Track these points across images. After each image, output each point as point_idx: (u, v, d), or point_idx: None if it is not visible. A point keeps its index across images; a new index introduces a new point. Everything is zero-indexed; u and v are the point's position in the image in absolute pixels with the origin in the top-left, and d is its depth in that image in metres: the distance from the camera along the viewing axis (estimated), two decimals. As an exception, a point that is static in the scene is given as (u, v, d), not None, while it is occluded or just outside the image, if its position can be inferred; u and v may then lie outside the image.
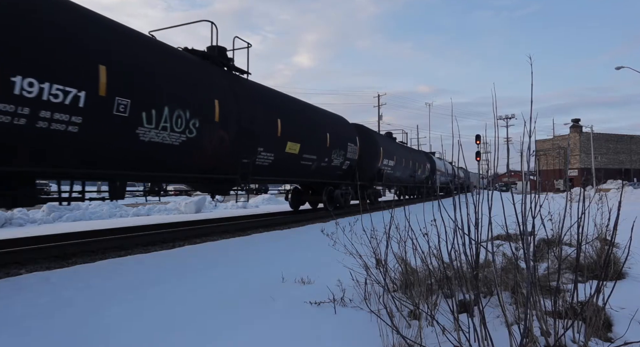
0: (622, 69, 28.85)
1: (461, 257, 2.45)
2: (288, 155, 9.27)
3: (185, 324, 2.72)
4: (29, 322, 2.76)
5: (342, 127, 12.39)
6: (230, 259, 5.16)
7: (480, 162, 26.35)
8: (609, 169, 55.26)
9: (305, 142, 9.79)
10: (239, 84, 7.97)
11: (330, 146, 11.13)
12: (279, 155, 8.93)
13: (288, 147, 9.19)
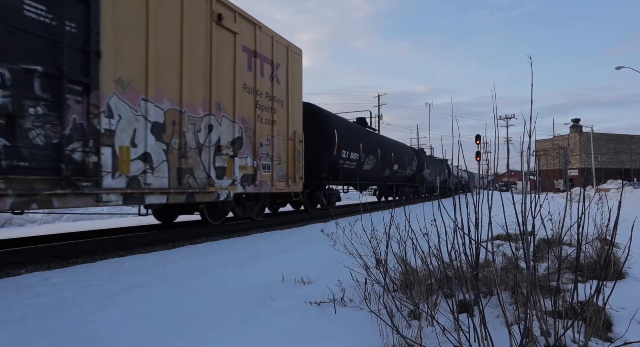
0: (619, 69, 28.83)
1: (461, 257, 2.45)
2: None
3: (185, 324, 2.72)
4: (29, 322, 2.76)
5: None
6: (231, 259, 5.16)
7: (480, 162, 26.25)
8: (609, 169, 55.27)
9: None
10: (374, 135, 16.37)
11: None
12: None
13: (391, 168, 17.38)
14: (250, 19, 7.82)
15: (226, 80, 7.22)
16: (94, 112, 4.90)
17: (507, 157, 2.85)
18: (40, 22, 4.40)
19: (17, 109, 4.16)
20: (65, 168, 4.59)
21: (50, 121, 4.49)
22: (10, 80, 4.13)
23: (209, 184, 6.76)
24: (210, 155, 6.83)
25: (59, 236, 7.01)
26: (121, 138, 5.24)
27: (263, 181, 8.37)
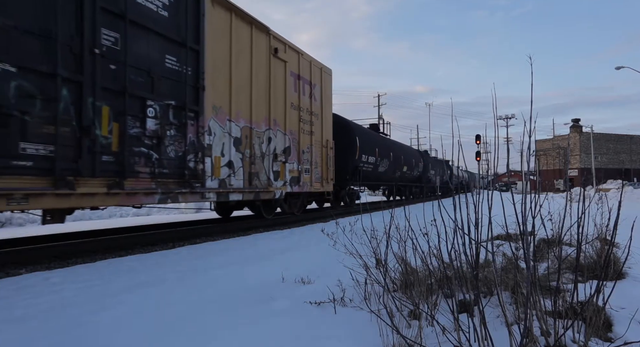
0: (619, 69, 28.83)
1: (461, 257, 2.45)
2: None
3: (185, 324, 2.72)
4: (29, 322, 2.76)
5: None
6: (231, 259, 5.16)
7: (480, 162, 26.28)
8: (609, 169, 55.27)
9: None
10: (387, 140, 17.64)
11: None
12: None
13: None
14: (295, 48, 9.53)
15: (279, 101, 8.85)
16: (201, 131, 6.51)
17: (507, 157, 2.85)
18: (173, 70, 6.04)
19: (162, 132, 5.77)
20: (186, 173, 6.20)
21: (177, 139, 6.11)
22: (159, 112, 5.73)
23: (269, 185, 8.39)
24: (270, 162, 8.45)
25: (59, 236, 7.01)
26: (215, 150, 6.88)
27: (305, 182, 9.92)
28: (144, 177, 5.55)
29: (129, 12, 5.30)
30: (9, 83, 4.13)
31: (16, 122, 4.16)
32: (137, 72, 5.46)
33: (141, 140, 5.51)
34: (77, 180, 4.69)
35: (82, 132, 4.74)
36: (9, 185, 4.10)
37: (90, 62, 4.84)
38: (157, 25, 5.75)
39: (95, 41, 4.91)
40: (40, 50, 4.40)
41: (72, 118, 4.68)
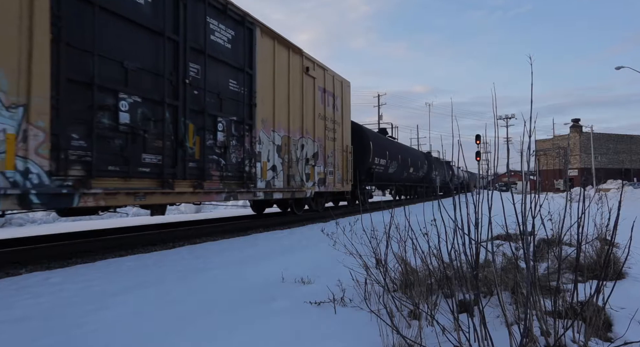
0: (619, 69, 28.81)
1: (461, 257, 2.45)
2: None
3: (185, 324, 2.72)
4: (29, 322, 2.76)
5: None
6: (231, 259, 5.16)
7: (480, 162, 26.38)
8: (609, 169, 55.26)
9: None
10: (396, 143, 19.02)
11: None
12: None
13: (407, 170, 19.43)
14: (321, 65, 10.84)
15: (309, 112, 10.15)
16: (253, 141, 7.90)
17: (507, 157, 2.85)
18: (234, 92, 7.44)
19: (227, 143, 7.16)
20: (244, 176, 7.59)
21: (237, 148, 7.48)
22: (225, 127, 7.16)
23: (302, 185, 9.67)
24: (302, 165, 9.74)
25: (59, 235, 7.01)
26: (263, 156, 8.21)
27: (329, 183, 11.24)
28: (215, 180, 6.92)
29: (207, 48, 6.71)
30: (137, 110, 5.49)
31: (141, 139, 5.52)
32: (211, 95, 6.86)
33: (213, 149, 6.90)
34: (174, 182, 6.04)
35: (177, 144, 6.09)
36: (136, 186, 5.48)
37: (182, 90, 6.20)
38: (224, 56, 7.18)
39: (185, 73, 6.27)
40: (153, 84, 5.77)
41: (172, 134, 6.02)
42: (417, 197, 21.98)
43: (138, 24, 5.50)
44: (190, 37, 6.35)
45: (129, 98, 5.37)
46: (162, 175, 5.83)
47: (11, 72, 4.15)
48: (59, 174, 4.55)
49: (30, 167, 4.28)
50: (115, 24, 5.22)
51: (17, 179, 4.18)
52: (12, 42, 4.15)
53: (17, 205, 4.23)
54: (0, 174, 4.04)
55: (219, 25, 7.07)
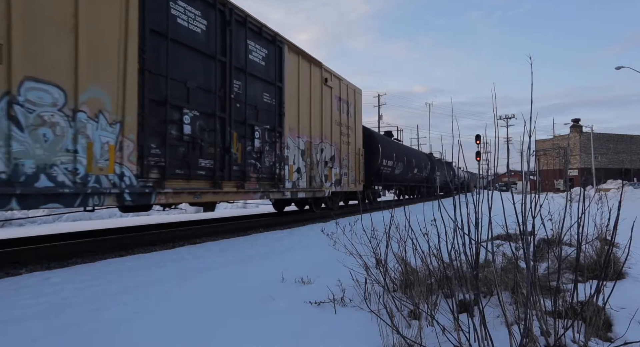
0: (619, 69, 28.80)
1: (461, 257, 2.45)
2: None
3: (185, 324, 2.72)
4: (29, 322, 2.76)
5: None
6: (231, 259, 5.16)
7: (480, 162, 26.50)
8: (609, 169, 55.26)
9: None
10: (401, 146, 19.96)
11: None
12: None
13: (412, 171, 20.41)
14: (337, 76, 11.78)
15: (327, 119, 11.10)
16: (282, 146, 8.86)
17: (507, 157, 2.85)
18: (267, 103, 8.40)
19: (262, 148, 8.15)
20: (275, 177, 8.57)
21: (270, 153, 8.44)
22: (261, 134, 8.15)
23: (321, 186, 10.70)
24: (322, 167, 10.73)
25: (59, 235, 7.01)
26: (290, 160, 9.19)
27: (344, 183, 12.19)
28: (253, 181, 7.95)
29: (247, 66, 7.77)
30: (196, 122, 6.54)
31: (198, 146, 6.52)
32: (249, 107, 7.85)
33: (252, 154, 7.89)
34: (222, 182, 7.03)
35: (225, 151, 7.11)
36: (194, 186, 6.50)
37: (228, 104, 7.21)
38: (259, 72, 8.16)
39: (231, 89, 7.28)
40: (206, 100, 6.77)
41: (220, 142, 7.02)
42: (421, 197, 22.81)
43: (196, 50, 6.56)
44: (234, 57, 7.41)
45: (190, 112, 6.43)
46: (214, 177, 6.86)
47: (113, 97, 5.19)
48: (142, 176, 5.58)
49: (124, 171, 5.31)
50: (180, 51, 6.25)
51: (115, 181, 5.19)
52: (113, 75, 5.21)
53: (114, 202, 5.24)
54: (104, 176, 5.05)
55: (255, 45, 8.09)
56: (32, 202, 4.35)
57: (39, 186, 4.38)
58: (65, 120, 4.66)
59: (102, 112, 5.06)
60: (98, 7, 5.03)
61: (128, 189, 5.32)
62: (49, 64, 4.50)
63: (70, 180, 4.70)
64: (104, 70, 5.10)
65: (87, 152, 4.86)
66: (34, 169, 4.34)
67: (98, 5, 5.03)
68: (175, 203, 6.65)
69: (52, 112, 4.53)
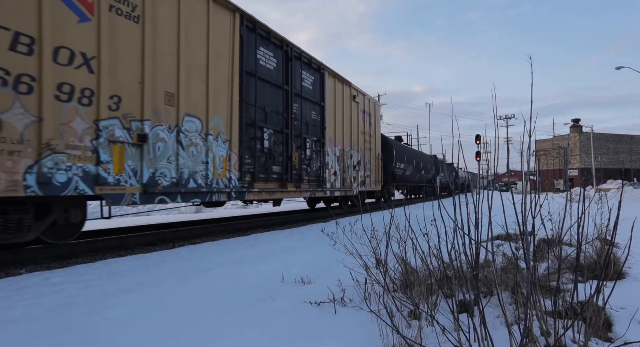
0: (619, 69, 28.80)
1: (461, 257, 2.45)
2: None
3: (185, 324, 2.72)
4: (29, 323, 2.76)
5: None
6: (231, 259, 5.16)
7: (480, 162, 26.73)
8: (609, 169, 55.26)
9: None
10: (411, 149, 22.51)
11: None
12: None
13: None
14: (362, 92, 13.73)
15: (355, 129, 13.07)
16: (324, 154, 10.80)
17: (507, 157, 2.85)
18: (313, 119, 10.37)
19: (310, 156, 10.02)
20: (320, 179, 10.58)
21: (315, 159, 10.36)
22: (310, 145, 10.01)
23: (351, 186, 12.59)
24: (351, 170, 12.61)
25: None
26: (329, 164, 11.16)
27: (367, 184, 14.14)
28: (305, 182, 9.80)
29: (301, 91, 9.77)
30: (271, 138, 8.49)
31: (272, 156, 8.48)
32: (303, 123, 9.80)
33: (304, 161, 9.76)
34: (286, 183, 8.94)
35: (288, 159, 9.02)
36: (270, 187, 8.46)
37: (290, 122, 9.17)
38: (309, 95, 10.12)
39: (291, 110, 9.26)
40: (276, 120, 8.73)
41: (285, 152, 8.92)
42: (426, 196, 24.92)
43: (270, 82, 8.52)
44: (293, 85, 9.35)
45: (268, 130, 8.40)
46: (281, 179, 8.81)
47: (225, 122, 7.24)
48: (241, 180, 7.58)
49: (231, 176, 7.38)
50: (261, 85, 8.23)
51: (226, 183, 7.24)
52: (225, 107, 7.25)
53: (226, 198, 7.28)
54: (221, 180, 7.10)
55: (306, 74, 10.06)
56: (187, 197, 6.44)
57: (190, 186, 6.39)
58: (202, 141, 6.68)
59: (220, 134, 7.09)
60: (218, 60, 7.10)
61: (234, 188, 7.38)
62: (194, 104, 6.54)
63: (204, 182, 6.71)
64: (220, 104, 7.12)
65: (213, 163, 6.87)
66: (187, 175, 6.36)
67: (218, 59, 7.09)
68: (257, 199, 8.69)
69: (195, 136, 6.55)
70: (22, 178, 4.27)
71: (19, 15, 4.27)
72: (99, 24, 5.06)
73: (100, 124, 5.04)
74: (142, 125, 5.61)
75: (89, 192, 4.95)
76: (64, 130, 4.68)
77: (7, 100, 4.15)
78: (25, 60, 4.33)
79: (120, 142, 5.32)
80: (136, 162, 5.56)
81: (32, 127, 4.36)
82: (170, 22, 6.11)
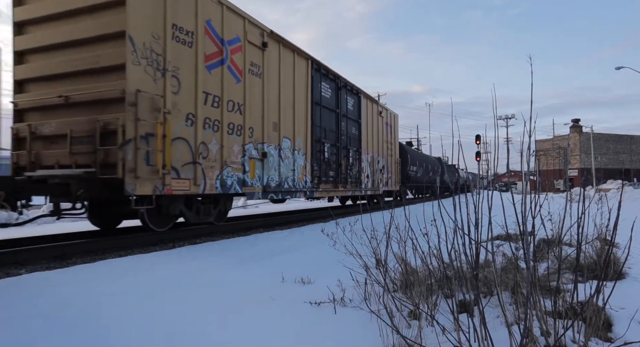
0: (619, 69, 28.80)
1: (461, 257, 2.45)
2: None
3: (185, 324, 2.72)
4: (29, 323, 2.76)
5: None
6: (230, 259, 5.16)
7: (480, 162, 26.83)
8: (609, 169, 55.26)
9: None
10: (420, 153, 26.84)
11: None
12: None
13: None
14: (385, 107, 16.55)
15: (381, 140, 15.57)
16: (360, 161, 13.11)
17: (507, 157, 2.85)
18: (353, 133, 12.60)
19: (352, 162, 12.48)
20: (358, 181, 12.83)
21: (354, 165, 12.60)
22: (351, 154, 12.42)
23: (378, 186, 15.00)
24: (378, 173, 15.05)
25: (59, 236, 7.01)
26: (364, 169, 13.48)
27: (389, 185, 16.74)
28: (349, 183, 12.20)
29: (347, 113, 12.21)
30: (329, 150, 10.98)
31: (329, 164, 10.94)
32: (347, 137, 12.17)
33: (347, 167, 12.13)
34: (337, 185, 11.43)
35: (338, 165, 11.42)
36: (327, 187, 10.95)
37: (339, 137, 11.59)
38: (351, 115, 12.50)
39: (340, 127, 11.66)
40: (331, 136, 11.13)
41: (336, 160, 11.34)
42: (432, 195, 26.80)
43: (328, 108, 11.03)
44: (341, 108, 11.78)
45: (327, 144, 10.89)
46: (335, 181, 11.31)
47: (303, 140, 9.78)
48: (312, 182, 10.10)
49: (307, 179, 9.89)
50: (322, 110, 10.76)
51: (304, 185, 9.74)
52: (303, 128, 9.83)
53: (303, 195, 9.98)
54: (301, 182, 9.56)
55: (349, 98, 12.47)
56: (283, 194, 9.07)
57: (285, 187, 8.99)
58: (291, 154, 9.29)
59: (300, 149, 9.61)
60: (299, 95, 9.65)
61: (308, 189, 9.95)
62: (287, 128, 9.16)
63: (292, 184, 9.25)
64: (301, 127, 9.70)
65: (296, 170, 9.43)
66: (284, 179, 8.95)
67: (299, 94, 9.65)
68: (319, 197, 11.77)
69: (288, 151, 9.17)
70: (215, 182, 6.89)
71: (217, 85, 7.04)
72: (244, 82, 7.70)
73: (245, 147, 7.71)
74: (263, 146, 8.26)
75: (239, 191, 7.64)
76: (230, 152, 7.31)
77: (210, 136, 6.82)
78: (216, 111, 6.97)
79: (253, 158, 8.00)
80: (260, 171, 8.20)
81: (218, 151, 7.00)
82: (275, 73, 8.78)
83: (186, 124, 6.32)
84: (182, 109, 6.23)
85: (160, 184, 5.78)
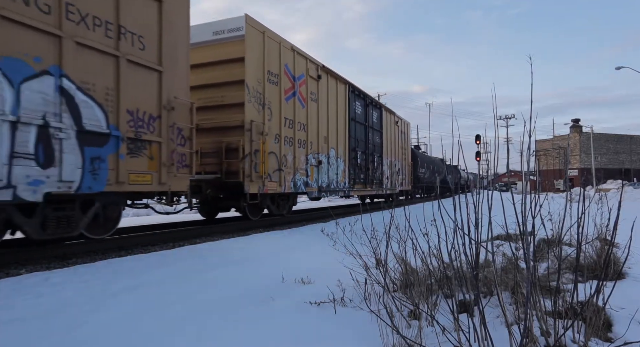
0: (619, 69, 28.79)
1: (461, 257, 2.45)
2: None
3: (185, 324, 2.72)
4: (29, 323, 2.76)
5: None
6: (231, 259, 5.16)
7: (480, 162, 26.81)
8: (609, 169, 55.25)
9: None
10: (428, 156, 29.78)
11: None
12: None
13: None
14: (400, 117, 18.61)
15: (397, 146, 18.14)
16: (382, 165, 15.84)
17: (507, 157, 2.85)
18: (377, 142, 15.53)
19: (376, 166, 15.27)
20: (380, 182, 15.63)
21: (377, 169, 15.41)
22: (375, 159, 15.26)
23: (395, 187, 17.29)
24: (395, 175, 17.35)
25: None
26: (384, 171, 16.10)
27: (404, 185, 19.17)
28: (374, 184, 14.51)
29: (373, 125, 14.68)
30: (360, 157, 13.63)
31: (360, 168, 13.58)
32: (372, 145, 14.51)
33: (372, 170, 14.39)
34: (366, 185, 13.99)
35: (366, 169, 13.94)
36: (359, 187, 13.51)
37: (367, 145, 14.10)
38: (375, 126, 14.95)
39: (367, 137, 14.10)
40: (361, 144, 13.75)
41: (364, 164, 13.83)
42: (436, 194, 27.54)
43: (359, 122, 13.42)
44: (368, 121, 14.17)
45: (358, 152, 13.23)
46: (364, 183, 13.67)
47: (343, 149, 12.24)
48: (348, 184, 12.31)
49: (346, 181, 12.29)
50: (355, 124, 13.19)
51: (343, 185, 12.12)
52: (343, 140, 12.27)
53: (343, 194, 12.40)
54: (341, 184, 11.98)
55: (373, 112, 14.89)
56: (330, 194, 11.39)
57: (331, 188, 11.22)
58: (335, 161, 11.54)
59: (341, 156, 11.94)
60: (340, 113, 12.01)
61: (346, 189, 12.19)
62: (333, 140, 11.58)
63: (336, 185, 11.56)
64: (342, 139, 12.11)
65: (339, 173, 11.73)
66: (330, 181, 11.18)
67: (340, 113, 12.01)
68: (353, 195, 13.80)
69: (333, 159, 11.45)
70: (290, 184, 9.33)
71: (291, 112, 9.53)
72: (307, 107, 10.17)
73: (307, 157, 10.15)
74: (318, 155, 10.67)
75: (304, 190, 10.01)
76: (299, 161, 9.69)
77: (287, 150, 9.28)
78: (290, 131, 9.47)
79: (312, 164, 10.40)
80: (316, 174, 10.54)
81: (292, 161, 9.43)
82: (324, 98, 11.19)
83: (275, 142, 8.87)
84: (272, 131, 8.77)
85: (262, 185, 8.25)
